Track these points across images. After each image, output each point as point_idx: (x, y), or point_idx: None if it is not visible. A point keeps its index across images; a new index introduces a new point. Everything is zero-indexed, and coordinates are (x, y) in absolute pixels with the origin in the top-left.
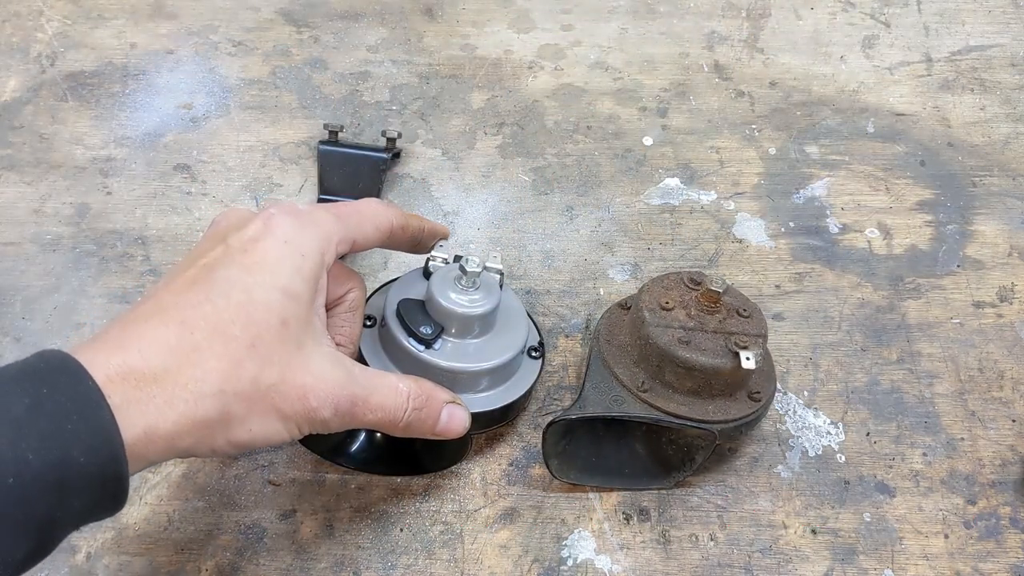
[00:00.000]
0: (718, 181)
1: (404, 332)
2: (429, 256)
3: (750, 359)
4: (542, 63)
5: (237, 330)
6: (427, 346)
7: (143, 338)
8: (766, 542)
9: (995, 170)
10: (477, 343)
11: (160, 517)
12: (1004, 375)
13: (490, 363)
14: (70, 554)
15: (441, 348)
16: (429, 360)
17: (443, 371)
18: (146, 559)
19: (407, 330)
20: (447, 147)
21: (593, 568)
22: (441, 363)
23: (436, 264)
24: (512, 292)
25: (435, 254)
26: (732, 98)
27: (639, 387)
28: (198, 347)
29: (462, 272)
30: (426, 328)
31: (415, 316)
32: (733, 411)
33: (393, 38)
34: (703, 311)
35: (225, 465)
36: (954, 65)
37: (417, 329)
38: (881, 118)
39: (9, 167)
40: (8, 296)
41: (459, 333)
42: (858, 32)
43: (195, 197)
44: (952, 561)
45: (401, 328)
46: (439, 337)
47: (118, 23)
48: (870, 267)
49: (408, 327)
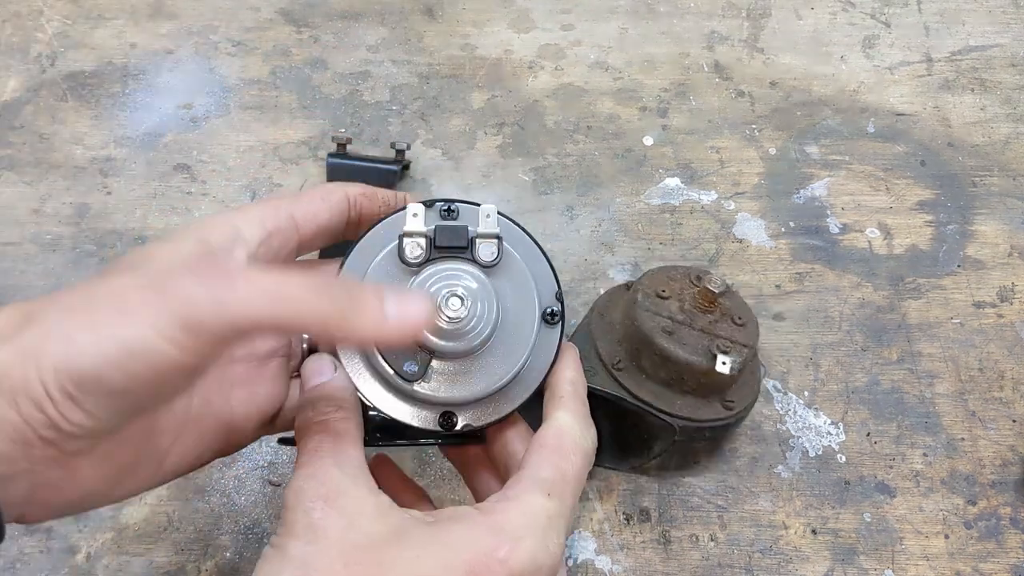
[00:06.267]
0: (718, 181)
1: (385, 365)
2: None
3: (726, 364)
4: (542, 63)
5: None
6: (413, 383)
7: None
8: (766, 542)
9: (995, 170)
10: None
11: (160, 517)
12: (1004, 375)
13: (495, 383)
14: (70, 554)
15: (432, 378)
16: (420, 393)
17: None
18: (146, 559)
19: (388, 365)
20: (447, 147)
21: (593, 568)
22: (434, 396)
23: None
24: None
25: (410, 228)
26: (732, 98)
27: (614, 364)
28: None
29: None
30: (411, 365)
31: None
32: (701, 412)
33: (393, 38)
34: (697, 308)
35: (225, 465)
36: (954, 65)
37: (400, 367)
38: (881, 118)
39: (9, 167)
40: (8, 296)
41: (453, 357)
42: (858, 32)
43: (195, 197)
44: (952, 561)
45: (381, 358)
46: (428, 367)
47: (118, 23)
48: (870, 267)
49: (389, 363)
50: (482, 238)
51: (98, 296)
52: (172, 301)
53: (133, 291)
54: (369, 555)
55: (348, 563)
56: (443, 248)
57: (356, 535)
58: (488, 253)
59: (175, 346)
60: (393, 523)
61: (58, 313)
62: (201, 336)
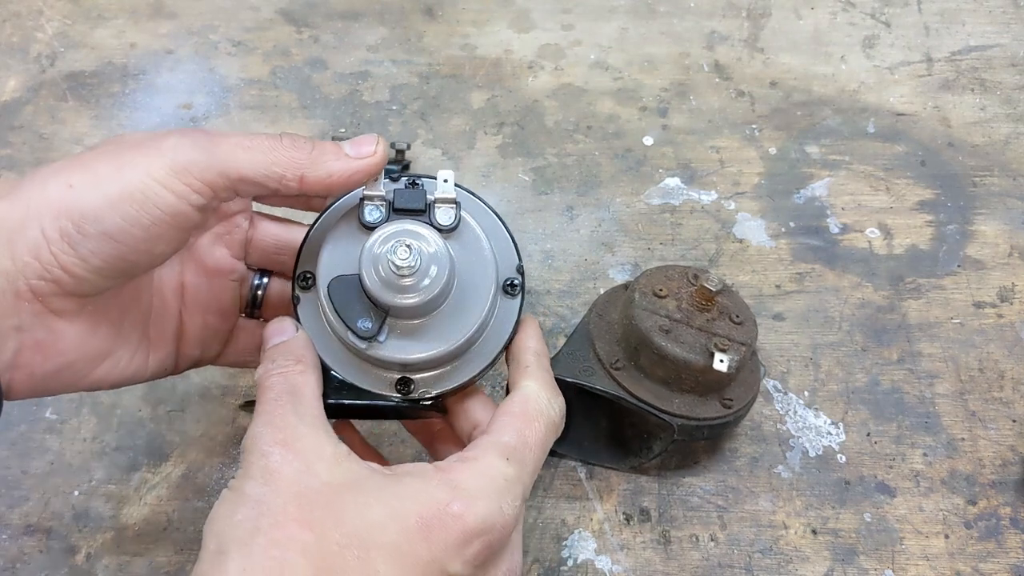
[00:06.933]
0: (718, 181)
1: (339, 321)
2: (363, 195)
3: (723, 362)
4: (542, 63)
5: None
6: (369, 341)
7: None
8: (766, 542)
9: (995, 170)
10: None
11: (160, 517)
12: (1004, 375)
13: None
14: (70, 554)
15: (387, 336)
16: (376, 355)
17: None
18: (146, 559)
19: (342, 322)
20: (447, 147)
21: (593, 568)
22: (390, 356)
23: (372, 210)
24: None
25: (370, 192)
26: (732, 98)
27: (612, 364)
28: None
29: (393, 266)
30: (364, 322)
31: (351, 304)
32: (699, 411)
33: (393, 38)
34: (694, 307)
35: (225, 465)
36: (954, 65)
37: (354, 324)
38: (881, 118)
39: (9, 167)
40: None
41: (408, 316)
42: (858, 32)
43: None
44: (952, 561)
45: (336, 316)
46: (383, 325)
47: (118, 23)
48: (870, 267)
49: (344, 320)
50: (440, 203)
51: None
52: (167, 153)
53: (127, 149)
54: (322, 498)
55: (301, 505)
56: (401, 211)
57: (311, 479)
58: (446, 217)
59: (171, 191)
60: (349, 471)
61: (53, 171)
62: (193, 184)
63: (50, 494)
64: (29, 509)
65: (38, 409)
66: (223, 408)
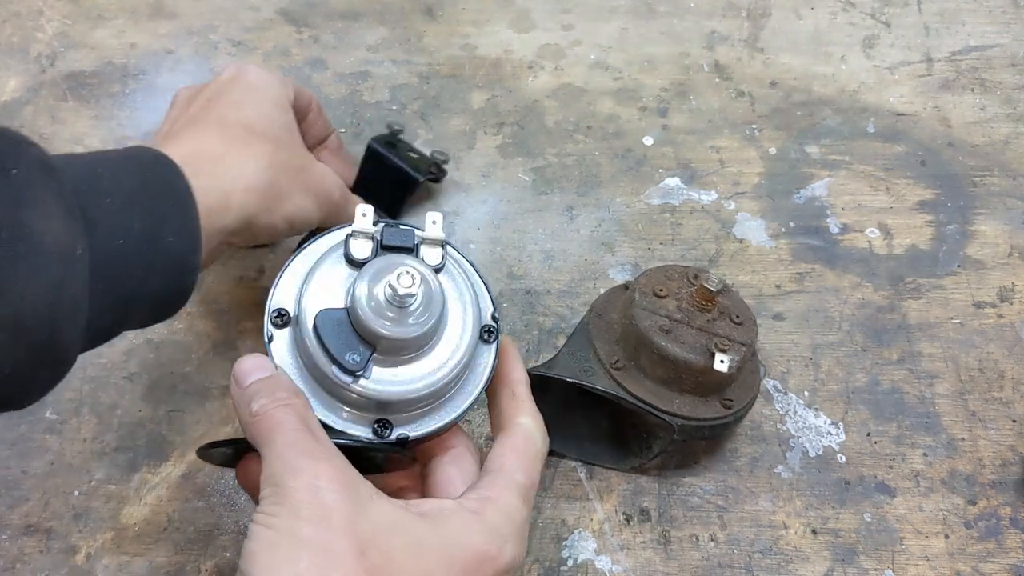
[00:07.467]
0: (718, 181)
1: (325, 356)
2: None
3: (724, 362)
4: (542, 63)
5: (262, 129)
6: (354, 376)
7: (196, 137)
8: (766, 542)
9: (995, 170)
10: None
11: (160, 517)
12: (1004, 375)
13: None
14: (70, 554)
15: (372, 373)
16: (359, 389)
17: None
18: (146, 559)
19: (329, 356)
20: (447, 147)
21: (593, 568)
22: (373, 391)
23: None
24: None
25: (358, 228)
26: (732, 98)
27: (612, 364)
28: (240, 138)
29: (393, 293)
30: (352, 355)
31: (338, 338)
32: (700, 411)
33: (393, 38)
34: (694, 307)
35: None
36: (954, 65)
37: (342, 357)
38: (881, 118)
39: None
40: None
41: (394, 352)
42: (858, 32)
43: None
44: (952, 561)
45: (321, 350)
46: (369, 360)
47: (118, 23)
48: (870, 267)
49: (330, 353)
50: (428, 243)
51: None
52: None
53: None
54: (378, 542)
55: (363, 552)
56: (390, 248)
57: (364, 522)
58: (433, 257)
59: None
60: (390, 512)
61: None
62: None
63: (50, 494)
64: (29, 509)
65: (38, 409)
66: (223, 408)
